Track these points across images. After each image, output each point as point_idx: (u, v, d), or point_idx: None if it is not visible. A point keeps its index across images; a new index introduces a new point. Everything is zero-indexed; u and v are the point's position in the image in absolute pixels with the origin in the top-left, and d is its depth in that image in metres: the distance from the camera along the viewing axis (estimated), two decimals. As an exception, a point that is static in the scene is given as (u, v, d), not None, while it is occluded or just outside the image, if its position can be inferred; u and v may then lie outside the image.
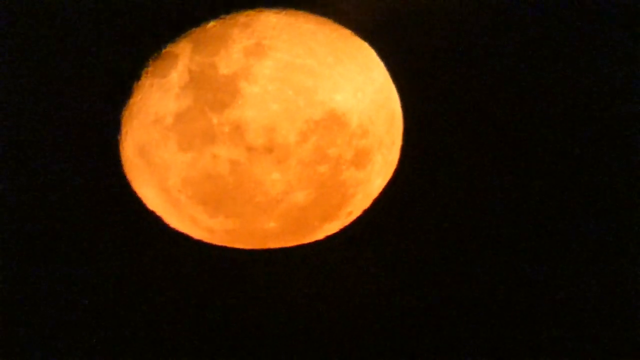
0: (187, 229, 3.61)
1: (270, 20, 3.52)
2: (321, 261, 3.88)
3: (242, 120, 3.29)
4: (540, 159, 3.95)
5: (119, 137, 3.56)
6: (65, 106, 3.66)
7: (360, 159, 3.49)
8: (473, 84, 3.83)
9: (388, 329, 3.95)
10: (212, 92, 3.33)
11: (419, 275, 3.99)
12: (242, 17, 3.53)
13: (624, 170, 3.98)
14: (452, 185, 3.95)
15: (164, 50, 3.50)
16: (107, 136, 3.57)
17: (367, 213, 3.71)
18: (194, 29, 3.52)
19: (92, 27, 3.62)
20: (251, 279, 3.90)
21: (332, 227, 3.69)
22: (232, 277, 3.90)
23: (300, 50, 3.42)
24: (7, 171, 3.69)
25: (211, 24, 3.53)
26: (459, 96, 3.84)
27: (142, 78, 3.51)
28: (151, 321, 3.88)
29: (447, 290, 3.98)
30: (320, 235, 3.70)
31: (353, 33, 3.65)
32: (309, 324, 3.96)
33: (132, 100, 3.53)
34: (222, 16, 3.55)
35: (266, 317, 3.94)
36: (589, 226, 4.05)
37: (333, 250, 3.81)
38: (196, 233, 3.61)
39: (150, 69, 3.51)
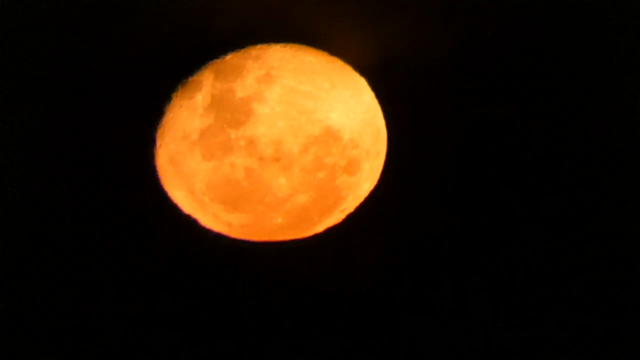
0: (210, 224, 3.91)
1: (277, 53, 3.82)
2: (320, 250, 4.12)
3: (255, 135, 3.59)
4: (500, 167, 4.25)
5: (154, 150, 3.87)
6: (111, 123, 4.00)
7: (352, 166, 3.77)
8: (445, 104, 4.15)
9: (374, 298, 4.24)
10: (230, 112, 3.62)
11: (399, 259, 4.24)
12: (255, 51, 3.84)
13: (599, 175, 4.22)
14: (428, 188, 4.23)
15: (190, 78, 3.80)
16: (145, 149, 3.89)
17: (357, 211, 3.99)
18: (215, 60, 3.83)
19: (135, 61, 3.94)
20: (262, 265, 4.17)
21: (329, 223, 3.97)
22: (247, 263, 4.17)
23: (302, 78, 3.71)
24: (62, 177, 4.03)
25: (229, 56, 3.83)
26: (433, 115, 4.15)
27: (173, 100, 3.81)
28: (181, 295, 4.17)
29: (422, 270, 4.25)
30: (319, 229, 3.97)
31: (345, 63, 3.95)
32: (309, 300, 4.21)
33: (164, 119, 3.82)
34: (238, 50, 3.85)
35: (274, 296, 4.21)
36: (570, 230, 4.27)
37: (329, 241, 4.04)
38: (217, 227, 3.91)
39: (179, 93, 3.80)
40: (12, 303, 4.12)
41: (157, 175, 3.92)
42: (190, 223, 3.93)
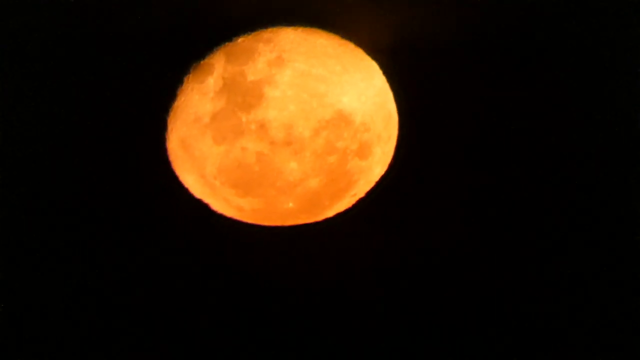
0: (221, 209, 3.94)
1: (289, 36, 3.83)
2: (331, 234, 4.13)
3: (266, 119, 3.60)
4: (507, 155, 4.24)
5: (165, 133, 3.88)
6: (122, 107, 4.00)
7: (363, 150, 3.79)
8: (457, 89, 4.13)
9: (384, 283, 4.25)
10: (242, 95, 3.64)
11: (410, 244, 4.23)
12: (266, 34, 3.84)
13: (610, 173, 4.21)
14: (439, 172, 4.21)
15: (202, 61, 3.82)
16: (156, 132, 3.90)
17: (368, 195, 4.00)
18: (226, 43, 3.83)
19: (146, 44, 3.93)
20: (273, 250, 4.18)
21: (340, 207, 3.99)
22: (258, 248, 4.18)
23: (314, 61, 3.72)
24: (73, 161, 4.05)
25: (240, 39, 3.83)
26: (445, 99, 4.13)
27: (184, 84, 3.82)
28: (193, 280, 4.19)
29: (433, 255, 4.25)
30: (330, 213, 3.99)
31: (357, 47, 3.94)
32: (320, 284, 4.23)
33: (176, 103, 3.84)
34: (249, 33, 3.84)
35: (285, 280, 4.21)
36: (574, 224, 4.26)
37: (340, 225, 4.05)
38: (228, 212, 3.93)
39: (190, 76, 3.81)
40: (27, 282, 4.16)
41: (168, 159, 3.93)
42: (201, 207, 3.95)
